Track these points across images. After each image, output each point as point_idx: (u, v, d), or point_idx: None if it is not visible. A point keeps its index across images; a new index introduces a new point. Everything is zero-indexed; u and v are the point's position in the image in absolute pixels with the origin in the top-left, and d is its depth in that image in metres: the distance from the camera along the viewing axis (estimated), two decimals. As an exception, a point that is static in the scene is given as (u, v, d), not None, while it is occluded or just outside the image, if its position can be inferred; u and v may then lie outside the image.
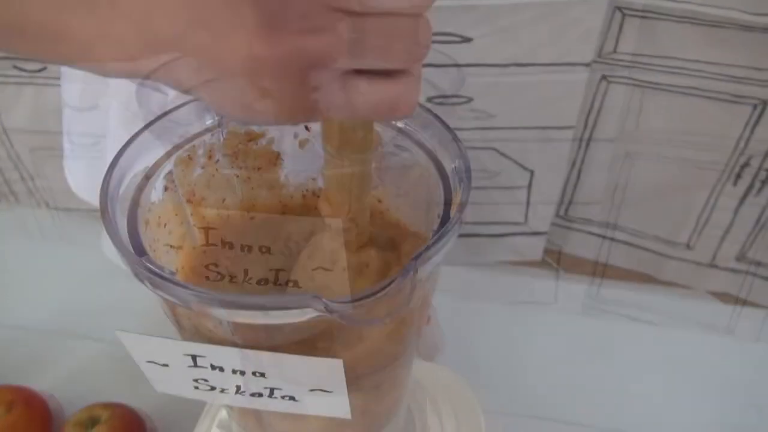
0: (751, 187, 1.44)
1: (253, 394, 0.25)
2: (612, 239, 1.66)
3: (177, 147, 0.27)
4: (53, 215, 0.74)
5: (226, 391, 0.25)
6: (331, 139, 0.21)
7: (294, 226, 0.24)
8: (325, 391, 0.24)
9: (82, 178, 0.74)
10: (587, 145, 1.47)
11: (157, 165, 0.26)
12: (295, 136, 0.30)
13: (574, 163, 1.53)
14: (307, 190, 0.29)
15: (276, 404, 0.25)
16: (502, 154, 1.47)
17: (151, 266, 0.21)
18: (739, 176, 1.44)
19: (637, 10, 1.23)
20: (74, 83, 0.64)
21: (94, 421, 0.48)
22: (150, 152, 0.26)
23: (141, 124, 0.66)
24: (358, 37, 0.17)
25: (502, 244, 1.62)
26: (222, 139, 0.28)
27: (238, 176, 0.28)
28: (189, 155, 0.28)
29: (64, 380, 0.56)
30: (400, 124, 0.27)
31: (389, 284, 0.19)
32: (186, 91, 0.21)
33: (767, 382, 0.60)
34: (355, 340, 0.22)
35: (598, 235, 1.68)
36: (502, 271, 0.68)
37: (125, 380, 0.57)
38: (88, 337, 0.60)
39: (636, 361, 0.61)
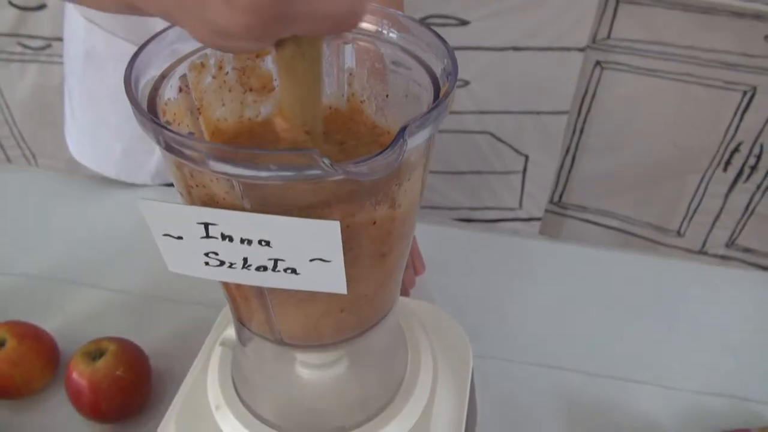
0: (740, 173, 1.47)
1: (258, 268, 0.27)
2: (606, 226, 1.69)
3: (191, 53, 0.29)
4: (54, 177, 0.77)
5: (234, 266, 0.27)
6: (284, 50, 0.22)
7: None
8: (323, 260, 0.26)
9: (83, 145, 0.76)
10: (581, 130, 1.50)
11: (172, 67, 0.28)
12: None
13: (568, 149, 1.56)
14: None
15: (279, 279, 0.27)
16: (498, 139, 1.50)
17: (172, 129, 0.23)
18: (728, 162, 1.46)
19: (630, -4, 1.25)
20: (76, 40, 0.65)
21: (101, 352, 0.50)
22: (166, 56, 0.28)
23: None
24: None
25: (498, 229, 1.65)
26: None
27: (243, 91, 0.31)
28: (202, 62, 0.30)
29: (70, 323, 0.58)
30: (393, 35, 0.29)
31: (386, 150, 0.21)
32: (168, 20, 0.23)
33: (741, 330, 0.63)
34: (355, 210, 0.24)
35: (593, 223, 1.71)
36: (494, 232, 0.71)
37: (127, 324, 0.60)
38: (92, 285, 0.63)
39: (623, 307, 0.64)
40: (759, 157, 1.41)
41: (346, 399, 0.38)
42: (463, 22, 1.27)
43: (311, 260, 0.25)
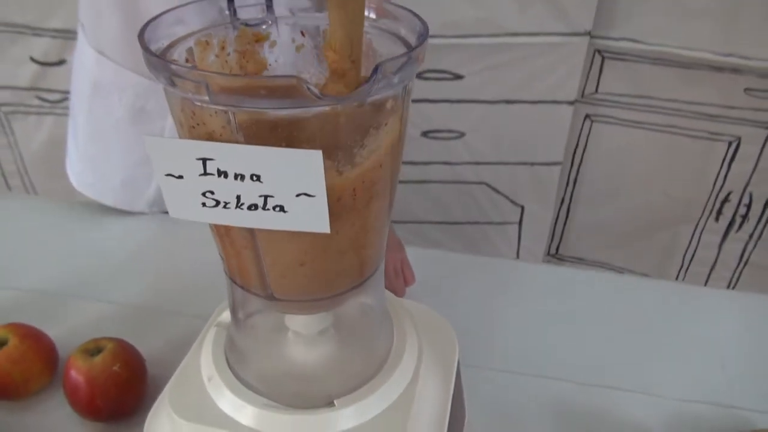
0: (732, 222, 1.50)
1: (250, 207, 0.30)
2: (603, 279, 1.70)
3: (197, 31, 0.33)
4: (55, 204, 0.81)
5: (228, 205, 0.30)
6: None
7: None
8: (308, 195, 0.29)
9: (84, 175, 0.80)
10: (575, 181, 1.54)
11: (179, 40, 0.32)
12: (293, 41, 0.36)
13: (563, 200, 1.60)
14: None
15: (268, 218, 0.30)
16: (494, 189, 1.54)
17: (176, 63, 0.26)
18: (720, 212, 1.49)
19: (615, 53, 1.33)
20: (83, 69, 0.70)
21: (99, 349, 0.52)
22: (172, 30, 0.31)
23: (146, 120, 0.73)
24: None
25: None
26: (234, 35, 0.35)
27: (242, 75, 0.34)
28: (206, 40, 0.34)
29: (69, 331, 0.60)
30: (371, 14, 0.33)
31: (367, 82, 0.25)
32: None
33: (732, 341, 0.64)
34: (339, 148, 0.27)
35: (590, 276, 1.72)
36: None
37: (125, 334, 0.61)
38: (92, 298, 0.65)
39: (612, 323, 0.65)
40: (749, 207, 1.44)
41: (332, 369, 0.40)
42: (458, 77, 1.34)
43: (297, 195, 0.28)
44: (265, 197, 0.28)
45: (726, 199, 1.45)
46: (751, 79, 1.27)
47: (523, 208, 1.56)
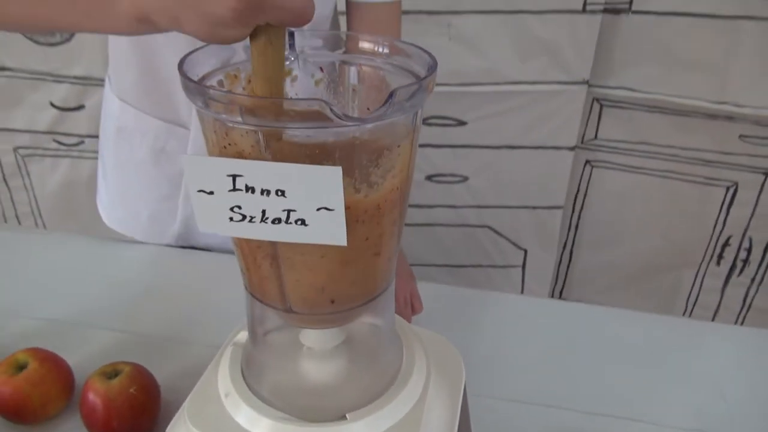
0: (733, 266, 1.51)
1: (273, 221, 0.32)
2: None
3: (227, 66, 0.36)
4: (75, 240, 0.83)
5: (254, 219, 0.33)
6: (258, 40, 0.30)
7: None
8: (327, 209, 0.31)
9: (113, 211, 0.83)
10: (576, 226, 1.57)
11: (211, 72, 0.35)
12: (312, 76, 0.40)
13: (565, 244, 1.62)
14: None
15: (290, 231, 0.32)
16: (497, 233, 1.57)
17: (213, 87, 0.29)
18: (721, 256, 1.51)
19: (613, 101, 1.38)
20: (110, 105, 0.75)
21: (116, 372, 0.53)
22: (204, 66, 0.35)
23: (166, 159, 0.76)
24: None
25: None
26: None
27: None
28: (235, 74, 0.37)
29: (86, 359, 0.61)
30: (386, 50, 0.36)
31: (382, 106, 0.28)
32: (177, 30, 0.32)
33: (733, 373, 0.65)
34: (356, 166, 0.30)
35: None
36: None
37: (140, 362, 0.63)
38: (108, 328, 0.66)
39: (617, 356, 0.66)
40: (749, 251, 1.46)
41: (344, 384, 0.41)
42: (461, 123, 1.39)
43: (318, 209, 0.31)
44: (288, 211, 0.31)
45: (726, 243, 1.47)
46: (745, 126, 1.32)
47: (526, 251, 1.58)
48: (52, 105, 1.44)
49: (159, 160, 0.74)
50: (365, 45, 0.37)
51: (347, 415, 0.39)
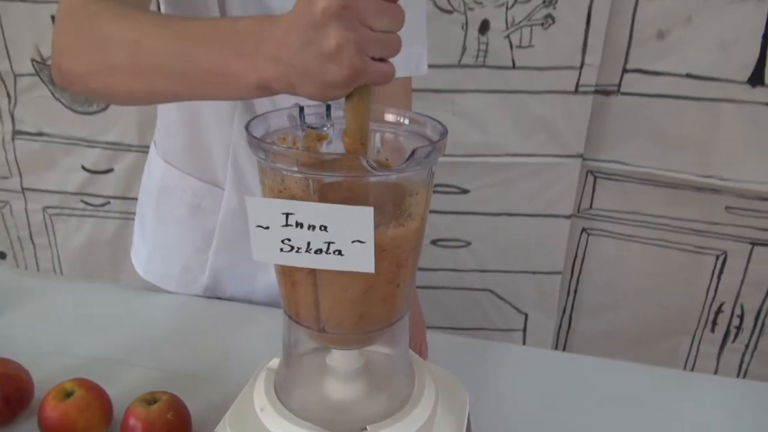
0: (727, 333, 1.56)
1: (316, 251, 0.40)
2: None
3: (278, 130, 0.45)
4: (116, 289, 0.90)
5: (300, 250, 0.40)
6: (353, 98, 0.40)
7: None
8: (360, 241, 0.39)
9: (149, 263, 0.90)
10: (575, 291, 1.63)
11: (266, 135, 0.43)
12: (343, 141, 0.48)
13: (564, 309, 1.67)
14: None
15: (329, 260, 0.39)
16: (498, 296, 1.63)
17: (276, 144, 0.38)
18: (715, 323, 1.56)
19: (606, 174, 1.47)
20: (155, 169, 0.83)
21: (155, 400, 0.59)
22: (263, 126, 0.43)
23: (201, 216, 0.85)
24: (374, 44, 0.38)
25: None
26: (303, 135, 0.47)
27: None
28: (284, 137, 0.45)
29: (121, 392, 0.67)
30: (406, 120, 0.45)
31: (405, 161, 0.36)
32: (292, 93, 0.41)
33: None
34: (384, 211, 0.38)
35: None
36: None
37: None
38: (141, 365, 0.72)
39: (606, 405, 0.71)
40: (742, 318, 1.52)
41: (365, 402, 0.47)
42: (464, 191, 1.49)
43: (352, 242, 0.39)
44: (328, 243, 0.39)
45: (719, 310, 1.53)
46: (730, 199, 1.41)
47: (526, 315, 1.64)
48: (83, 168, 1.54)
49: (195, 216, 0.83)
50: (389, 117, 0.47)
51: (368, 428, 0.45)
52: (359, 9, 0.37)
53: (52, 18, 1.40)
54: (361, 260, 0.39)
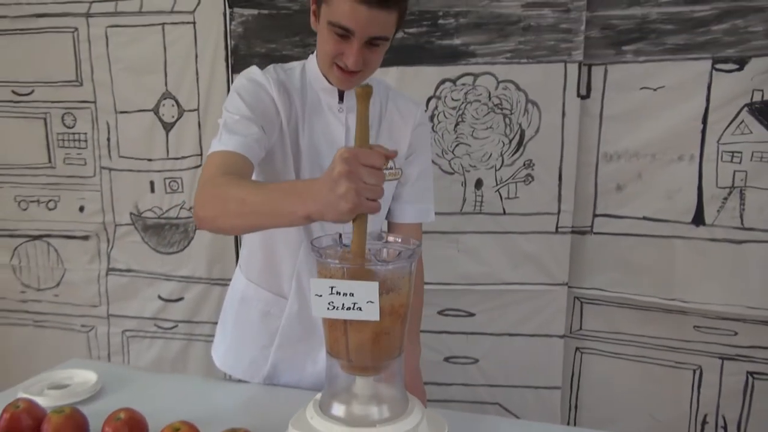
0: (715, 443, 1.70)
1: (347, 308, 0.71)
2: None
3: (326, 247, 0.78)
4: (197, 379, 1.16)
5: (337, 307, 0.71)
6: (357, 220, 0.73)
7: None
8: (371, 302, 0.70)
9: (227, 358, 1.18)
10: (576, 406, 1.82)
11: (319, 248, 0.77)
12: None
13: (568, 422, 1.85)
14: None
15: (353, 314, 0.70)
16: (507, 410, 1.83)
17: (327, 253, 0.71)
18: (703, 434, 1.72)
19: (589, 299, 1.75)
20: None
21: (177, 428, 0.85)
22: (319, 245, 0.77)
23: (269, 320, 1.16)
24: (367, 191, 0.71)
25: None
26: (341, 249, 0.80)
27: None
28: (329, 252, 0.79)
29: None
30: (399, 241, 0.79)
31: (395, 260, 0.68)
32: (323, 220, 0.75)
33: None
34: (385, 286, 0.69)
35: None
36: None
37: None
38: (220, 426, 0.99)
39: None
40: (726, 429, 1.69)
41: (376, 411, 0.76)
42: (470, 314, 1.78)
43: (366, 302, 0.71)
44: (354, 303, 0.71)
45: (704, 421, 1.71)
46: (697, 319, 1.66)
47: (533, 428, 1.82)
48: (159, 297, 1.90)
49: (264, 320, 1.14)
50: (391, 239, 0.81)
51: (377, 425, 0.74)
52: (359, 173, 0.70)
53: (151, 183, 1.85)
54: (372, 313, 0.71)
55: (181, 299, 1.88)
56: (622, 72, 1.62)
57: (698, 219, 1.62)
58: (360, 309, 0.71)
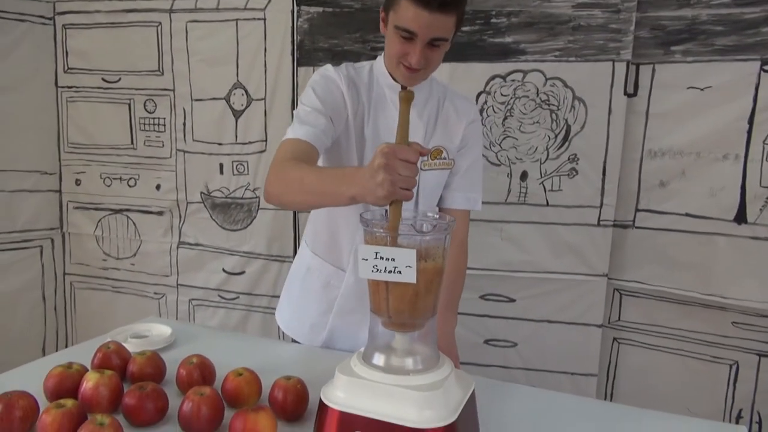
0: (749, 438, 1.73)
1: (389, 271, 0.82)
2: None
3: (373, 218, 0.91)
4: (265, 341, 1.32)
5: (380, 271, 0.83)
6: (393, 205, 0.84)
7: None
8: (409, 266, 0.81)
9: (291, 321, 1.32)
10: (611, 395, 1.88)
11: (369, 220, 0.89)
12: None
13: (602, 411, 1.90)
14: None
15: (395, 276, 0.82)
16: (543, 394, 1.90)
17: (373, 223, 0.84)
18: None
19: (629, 291, 1.80)
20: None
21: (289, 378, 1.00)
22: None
23: (329, 289, 1.30)
24: (401, 181, 0.82)
25: None
26: (386, 222, 0.92)
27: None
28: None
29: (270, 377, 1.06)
30: (437, 216, 0.90)
31: (433, 230, 0.80)
32: (364, 202, 0.87)
33: None
34: (422, 255, 0.80)
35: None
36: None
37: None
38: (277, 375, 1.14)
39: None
40: (760, 424, 1.71)
41: (410, 362, 0.87)
42: (511, 300, 1.86)
43: (405, 267, 0.82)
44: (395, 267, 0.83)
45: (739, 416, 1.73)
46: (735, 315, 1.69)
47: (568, 413, 1.90)
48: (224, 270, 2.07)
49: (325, 289, 1.26)
50: (430, 215, 0.92)
51: (410, 373, 0.85)
52: (395, 165, 0.81)
53: (220, 165, 2.02)
54: (410, 276, 0.82)
55: (242, 273, 2.05)
56: (670, 71, 1.67)
57: (740, 217, 1.65)
58: (400, 272, 0.82)
